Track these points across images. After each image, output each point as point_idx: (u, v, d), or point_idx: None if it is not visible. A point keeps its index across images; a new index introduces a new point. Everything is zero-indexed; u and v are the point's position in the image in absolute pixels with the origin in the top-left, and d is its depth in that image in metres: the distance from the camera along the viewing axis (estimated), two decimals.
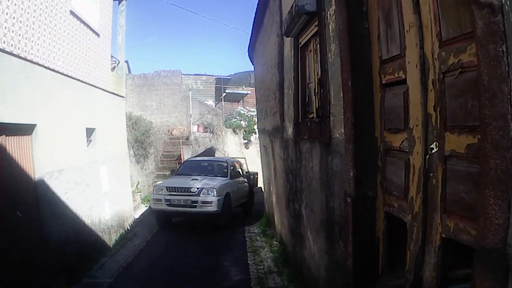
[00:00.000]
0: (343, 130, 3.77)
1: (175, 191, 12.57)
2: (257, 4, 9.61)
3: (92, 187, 10.33)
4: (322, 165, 4.68)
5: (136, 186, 17.90)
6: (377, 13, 3.40)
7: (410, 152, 2.92)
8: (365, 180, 3.54)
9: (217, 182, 13.16)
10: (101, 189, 11.09)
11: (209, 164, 15.64)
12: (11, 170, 6.86)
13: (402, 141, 3.05)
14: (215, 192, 12.32)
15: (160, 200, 12.50)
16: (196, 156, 20.09)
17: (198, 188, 12.41)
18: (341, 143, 3.84)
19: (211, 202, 12.22)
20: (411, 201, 2.92)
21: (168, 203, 12.42)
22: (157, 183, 14.36)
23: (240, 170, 16.25)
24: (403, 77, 2.99)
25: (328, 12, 4.23)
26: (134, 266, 9.34)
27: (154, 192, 13.04)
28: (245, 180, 16.18)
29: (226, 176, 14.16)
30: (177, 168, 16.38)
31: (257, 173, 18.31)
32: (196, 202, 12.23)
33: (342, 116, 3.75)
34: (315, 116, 5.33)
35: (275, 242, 10.12)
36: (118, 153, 13.17)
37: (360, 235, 3.60)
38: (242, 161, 18.21)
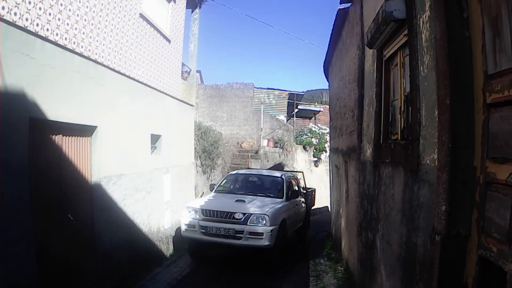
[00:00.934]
0: (436, 156, 3.23)
1: (213, 216, 9.83)
2: (336, 16, 9.20)
3: (153, 195, 10.22)
4: (405, 194, 4.13)
5: (201, 196, 17.79)
6: (481, 20, 2.86)
7: None
8: (459, 216, 2.99)
9: (270, 205, 10.30)
10: (163, 197, 10.98)
11: (259, 180, 12.74)
12: (67, 172, 6.78)
13: (510, 174, 2.48)
14: (267, 220, 9.52)
15: (194, 226, 9.85)
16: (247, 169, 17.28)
17: (244, 214, 9.64)
18: (432, 171, 3.30)
19: (261, 234, 9.41)
20: None
21: (203, 231, 9.72)
22: (190, 203, 10.86)
23: (297, 187, 13.49)
24: None
25: (421, 20, 3.74)
26: (189, 280, 9.13)
27: (186, 215, 10.19)
28: (303, 199, 13.76)
29: (282, 197, 11.37)
30: (218, 183, 13.25)
31: (315, 190, 16.92)
32: (241, 232, 9.44)
33: (436, 140, 3.22)
34: (399, 138, 4.80)
35: (339, 268, 9.57)
36: (184, 162, 13.06)
37: (446, 280, 3.06)
38: (299, 175, 16.29)
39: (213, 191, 12.15)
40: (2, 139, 5.07)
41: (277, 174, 13.11)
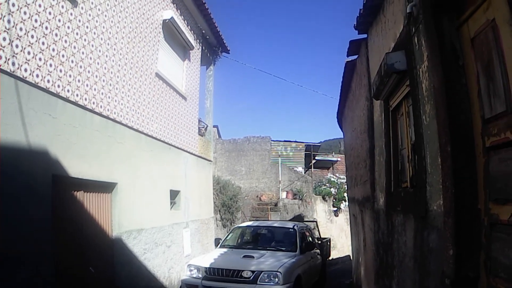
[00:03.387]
0: (441, 202, 3.28)
1: (218, 275, 8.60)
2: (344, 68, 9.39)
3: (173, 249, 10.26)
4: (416, 240, 4.14)
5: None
6: (475, 67, 2.97)
7: None
8: (467, 259, 3.00)
9: (282, 261, 9.03)
10: (183, 251, 10.99)
11: (269, 232, 11.59)
12: (88, 226, 6.91)
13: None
14: (280, 278, 8.26)
15: (196, 287, 8.62)
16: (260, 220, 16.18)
17: (253, 272, 8.42)
18: (439, 217, 3.34)
19: None
20: None
21: None
22: (192, 260, 9.66)
23: (311, 238, 12.31)
24: (511, 138, 2.51)
25: (421, 70, 3.85)
26: None
27: (188, 274, 8.99)
28: (318, 251, 12.49)
29: (295, 250, 10.18)
30: (224, 237, 12.08)
31: (330, 239, 15.95)
32: None
33: (441, 186, 3.27)
34: (409, 186, 4.83)
35: None
36: (203, 217, 13.13)
37: None
38: (312, 225, 15.39)
39: (219, 246, 10.99)
40: (26, 195, 5.26)
41: (289, 225, 11.87)
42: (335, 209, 25.72)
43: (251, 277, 8.36)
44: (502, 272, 2.64)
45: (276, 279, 8.27)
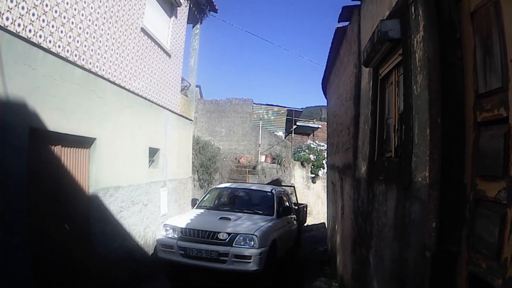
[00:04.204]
0: (427, 174, 3.26)
1: (193, 236, 8.57)
2: (334, 34, 9.27)
3: (150, 208, 10.27)
4: (398, 211, 4.16)
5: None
6: (473, 40, 2.92)
7: (508, 205, 2.38)
8: (449, 233, 3.01)
9: (259, 224, 9.07)
10: (160, 210, 11.01)
11: (247, 195, 11.47)
12: (65, 182, 6.84)
13: (499, 191, 2.51)
14: (256, 241, 8.29)
15: (171, 247, 8.56)
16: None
17: (229, 234, 8.41)
18: (424, 188, 3.33)
19: (249, 257, 8.13)
20: (504, 263, 2.39)
21: (182, 252, 8.41)
22: (168, 220, 9.51)
23: (288, 203, 12.28)
24: (504, 115, 2.48)
25: (415, 40, 3.78)
26: None
27: (164, 234, 8.96)
28: (295, 216, 12.51)
29: (272, 214, 10.13)
30: (201, 198, 11.86)
31: (306, 206, 16.20)
32: (225, 255, 8.16)
33: (427, 158, 3.26)
34: (393, 156, 4.83)
35: (334, 284, 9.52)
36: (181, 176, 13.13)
37: None
38: (290, 190, 15.32)
39: (196, 206, 10.89)
40: (2, 147, 5.13)
41: (267, 188, 11.82)
42: (313, 175, 25.92)
43: (227, 239, 8.34)
44: (485, 249, 2.65)
45: (252, 242, 8.28)
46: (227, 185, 12.87)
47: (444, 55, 3.13)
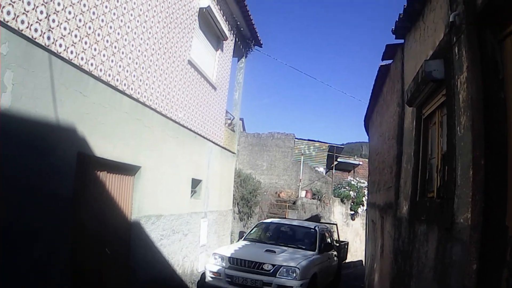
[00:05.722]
0: (469, 215, 3.22)
1: (240, 265, 9.30)
2: (377, 72, 9.30)
3: (190, 238, 10.32)
4: (438, 252, 4.08)
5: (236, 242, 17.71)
6: None
7: None
8: (489, 275, 2.95)
9: (301, 258, 9.76)
10: (199, 240, 11.05)
11: (291, 230, 12.23)
12: (108, 208, 6.97)
13: None
14: (297, 273, 8.90)
15: (219, 274, 9.34)
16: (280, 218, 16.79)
17: (274, 266, 9.05)
18: (466, 230, 3.28)
19: None
20: None
21: (229, 280, 9.18)
22: (217, 250, 10.44)
23: (330, 240, 12.86)
24: None
25: (459, 80, 3.78)
26: None
27: (212, 262, 9.69)
28: (335, 253, 13.04)
29: (314, 249, 10.79)
30: (248, 231, 12.81)
31: (348, 243, 16.34)
32: (269, 284, 8.83)
33: (470, 199, 3.22)
34: (435, 196, 4.77)
35: None
36: (222, 208, 13.19)
37: None
38: (333, 227, 15.74)
39: (243, 239, 11.76)
40: (51, 171, 5.32)
41: (311, 225, 12.57)
42: (352, 212, 25.60)
43: (271, 270, 8.99)
44: None
45: (294, 274, 8.88)
46: (274, 220, 13.57)
47: (487, 96, 3.13)
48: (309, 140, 29.59)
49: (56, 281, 5.53)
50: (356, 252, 22.82)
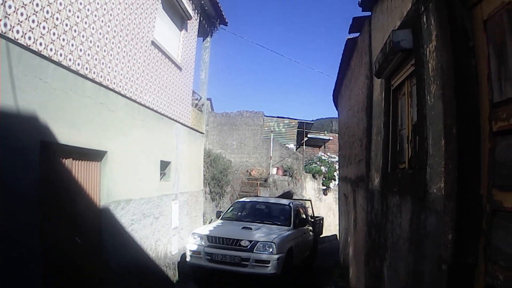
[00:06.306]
0: (442, 185, 3.21)
1: (219, 243, 9.72)
2: (345, 45, 9.25)
3: (161, 221, 10.24)
4: (412, 223, 4.09)
5: (209, 223, 17.61)
6: (487, 49, 2.86)
7: None
8: (466, 245, 2.94)
9: (277, 233, 10.18)
10: (171, 223, 10.98)
11: (267, 207, 12.58)
12: (76, 195, 6.82)
13: None
14: (274, 248, 9.36)
15: (199, 253, 9.71)
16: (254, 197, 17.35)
17: (250, 241, 9.53)
18: (439, 200, 3.27)
19: (267, 262, 9.23)
20: None
21: (209, 258, 9.58)
22: (196, 229, 10.82)
23: (305, 215, 13.31)
24: None
25: (428, 49, 3.74)
26: None
27: (192, 241, 10.06)
28: (311, 228, 13.62)
29: (289, 225, 11.30)
30: (225, 210, 13.27)
31: (323, 218, 16.86)
32: (247, 260, 9.29)
33: (442, 169, 3.20)
34: (407, 167, 4.76)
35: None
36: (193, 189, 13.11)
37: None
38: (307, 204, 16.10)
39: (220, 218, 12.10)
40: (13, 160, 5.12)
41: (285, 202, 13.03)
42: (325, 187, 25.78)
43: (248, 246, 9.44)
44: (502, 260, 2.59)
45: (271, 249, 9.35)
46: (249, 199, 14.03)
47: (458, 64, 3.08)
48: (278, 117, 29.56)
49: (27, 275, 5.39)
50: (330, 227, 23.02)
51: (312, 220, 14.56)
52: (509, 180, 2.56)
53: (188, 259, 10.04)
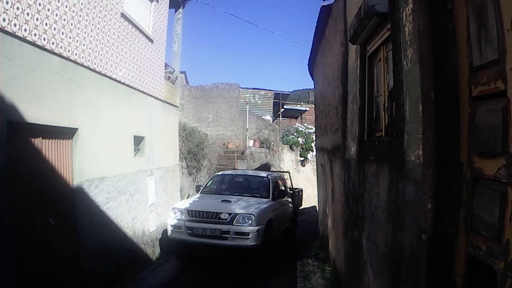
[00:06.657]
0: (421, 152, 3.12)
1: (199, 217, 9.73)
2: (319, 13, 9.08)
3: (137, 198, 10.10)
4: (390, 192, 4.02)
5: (187, 198, 17.51)
6: (466, 11, 2.74)
7: (509, 183, 2.23)
8: (446, 214, 2.87)
9: (256, 205, 10.24)
10: (147, 200, 10.86)
11: (245, 180, 12.70)
12: (47, 175, 6.64)
13: (498, 169, 2.36)
14: (253, 220, 9.45)
15: (180, 227, 9.74)
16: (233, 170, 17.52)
17: (230, 214, 9.58)
18: (418, 168, 3.19)
19: (247, 234, 9.36)
20: (506, 245, 2.23)
21: (189, 232, 9.63)
22: (176, 204, 10.81)
23: (283, 187, 13.41)
24: (502, 88, 2.31)
25: (404, 13, 3.62)
26: (175, 284, 9.01)
27: (172, 216, 10.06)
28: (290, 200, 13.72)
29: (268, 197, 11.28)
30: (204, 184, 13.16)
31: (302, 190, 16.94)
32: (227, 232, 9.39)
33: (420, 135, 3.11)
34: (384, 135, 4.68)
35: (327, 268, 9.49)
36: (169, 164, 12.97)
37: (434, 279, 2.94)
38: (286, 175, 16.20)
39: (199, 192, 12.07)
40: None
41: (263, 174, 13.07)
42: (302, 159, 25.81)
43: (228, 219, 9.52)
44: (484, 230, 2.51)
45: (250, 221, 9.46)
46: (228, 172, 13.96)
47: (435, 28, 2.96)
48: (254, 88, 29.35)
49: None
50: (309, 198, 23.13)
51: (291, 192, 14.64)
52: (489, 147, 2.47)
53: (169, 233, 10.09)
